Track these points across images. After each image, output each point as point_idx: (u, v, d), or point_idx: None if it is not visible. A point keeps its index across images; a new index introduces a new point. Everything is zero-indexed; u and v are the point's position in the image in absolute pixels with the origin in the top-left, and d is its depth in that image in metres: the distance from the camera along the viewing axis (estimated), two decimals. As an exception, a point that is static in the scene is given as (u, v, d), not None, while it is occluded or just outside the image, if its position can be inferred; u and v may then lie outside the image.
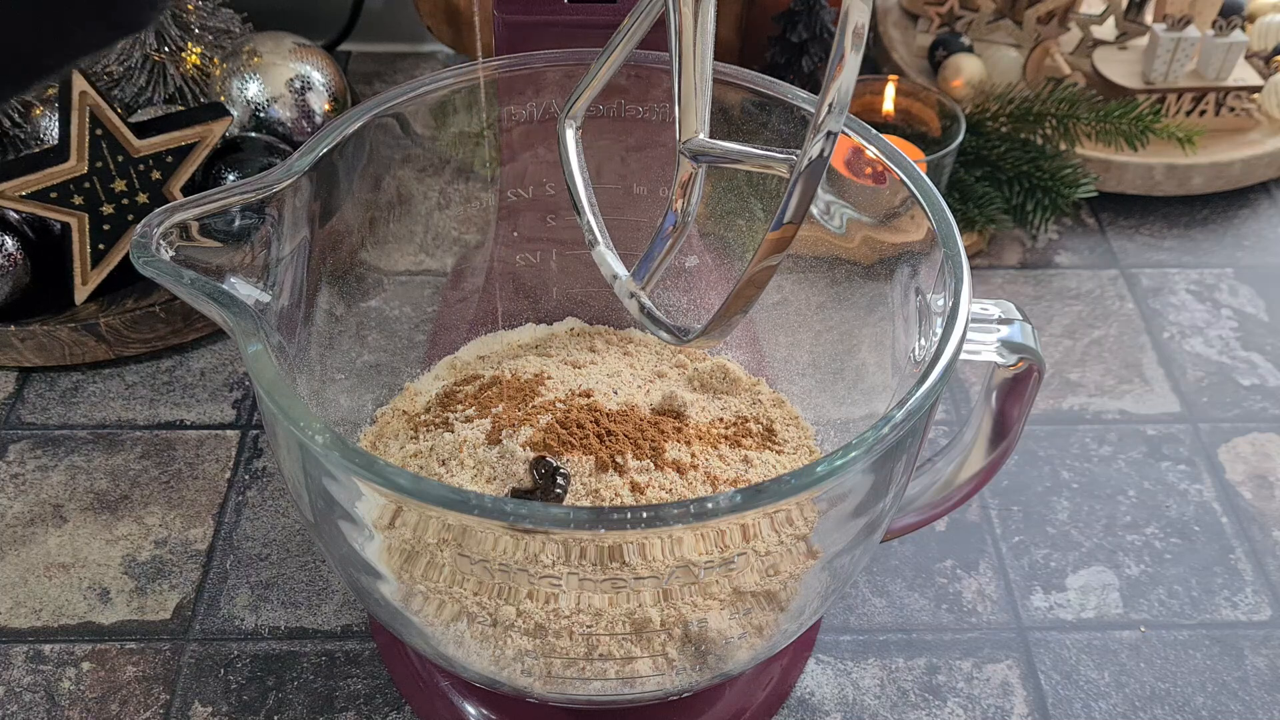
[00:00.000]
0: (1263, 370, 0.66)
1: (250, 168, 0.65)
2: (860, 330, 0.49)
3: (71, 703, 0.50)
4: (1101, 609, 0.54)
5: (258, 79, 0.70)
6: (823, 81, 0.30)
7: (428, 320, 0.54)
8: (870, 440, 0.34)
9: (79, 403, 0.62)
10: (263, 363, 0.35)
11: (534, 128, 0.50)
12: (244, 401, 0.63)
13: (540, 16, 0.51)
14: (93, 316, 0.62)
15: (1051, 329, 0.69)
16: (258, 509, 0.57)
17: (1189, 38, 0.75)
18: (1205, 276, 0.73)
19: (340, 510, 0.38)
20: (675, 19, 0.37)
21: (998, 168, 0.72)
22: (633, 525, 0.32)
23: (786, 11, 0.73)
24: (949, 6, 0.83)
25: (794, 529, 0.38)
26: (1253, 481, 0.60)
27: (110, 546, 0.56)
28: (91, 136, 0.60)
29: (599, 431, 0.46)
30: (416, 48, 0.91)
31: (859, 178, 0.45)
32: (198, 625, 0.53)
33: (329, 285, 0.47)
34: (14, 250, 0.61)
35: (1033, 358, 0.41)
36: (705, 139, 0.39)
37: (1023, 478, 0.60)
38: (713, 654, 0.40)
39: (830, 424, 0.51)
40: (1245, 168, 0.77)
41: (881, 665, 0.52)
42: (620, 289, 0.41)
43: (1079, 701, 0.51)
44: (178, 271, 0.38)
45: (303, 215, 0.43)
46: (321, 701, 0.50)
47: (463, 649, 0.41)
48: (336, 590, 0.54)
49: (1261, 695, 0.51)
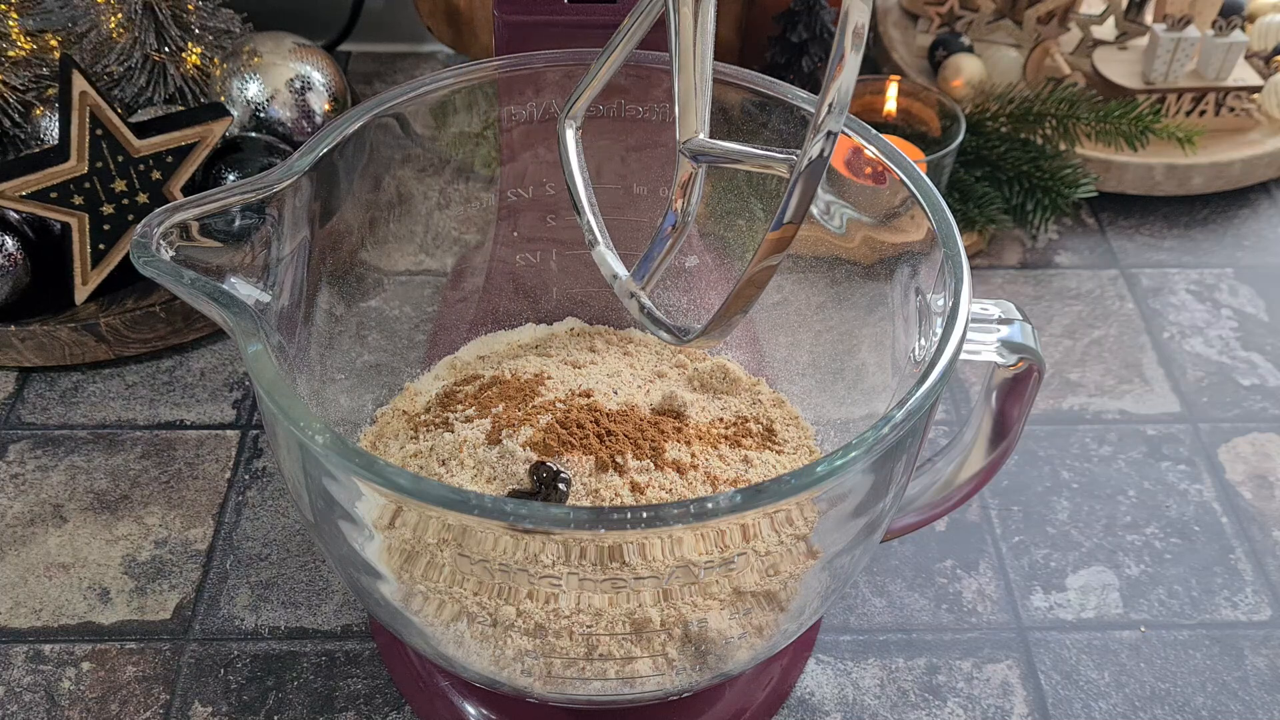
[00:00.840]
0: (1263, 370, 0.66)
1: (250, 168, 0.65)
2: (860, 330, 0.49)
3: (71, 703, 0.50)
4: (1101, 609, 0.54)
5: (258, 79, 0.70)
6: (823, 81, 0.30)
7: (428, 320, 0.54)
8: (870, 440, 0.34)
9: (79, 403, 0.62)
10: (263, 363, 0.35)
11: (534, 128, 0.50)
12: (244, 401, 0.63)
13: (540, 16, 0.51)
14: (93, 316, 0.62)
15: (1051, 329, 0.69)
16: (258, 509, 0.57)
17: (1189, 38, 0.75)
18: (1205, 276, 0.73)
19: (340, 510, 0.38)
20: (675, 19, 0.37)
21: (998, 168, 0.72)
22: (633, 525, 0.32)
23: (786, 11, 0.73)
24: (949, 6, 0.83)
25: (794, 529, 0.38)
26: (1253, 481, 0.60)
27: (110, 546, 0.56)
28: (92, 136, 0.60)
29: (599, 431, 0.46)
30: (416, 48, 0.91)
31: (859, 178, 0.45)
32: (198, 625, 0.53)
33: (329, 285, 0.47)
34: (14, 250, 0.61)
35: (1033, 358, 0.41)
36: (705, 139, 0.39)
37: (1023, 478, 0.60)
38: (713, 654, 0.40)
39: (830, 424, 0.51)
40: (1245, 168, 0.77)
41: (881, 665, 0.52)
42: (620, 289, 0.41)
43: (1079, 701, 0.51)
44: (178, 271, 0.38)
45: (303, 215, 0.43)
46: (321, 701, 0.50)
47: (463, 649, 0.41)
48: (336, 590, 0.54)
49: (1261, 695, 0.51)
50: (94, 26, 0.71)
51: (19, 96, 0.67)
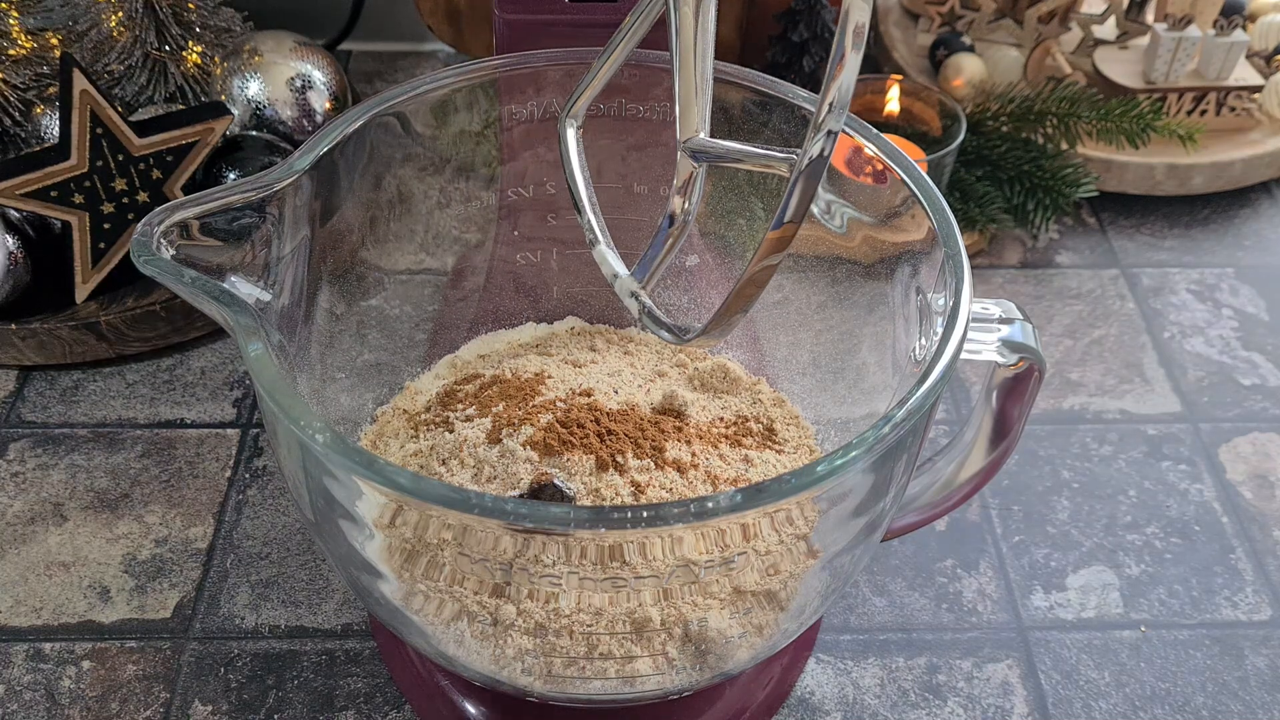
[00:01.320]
0: (1263, 370, 0.66)
1: (251, 166, 0.65)
2: (861, 330, 0.49)
3: (71, 701, 0.50)
4: (1102, 609, 0.54)
5: (258, 78, 0.70)
6: (823, 81, 0.30)
7: (428, 319, 0.54)
8: (870, 440, 0.34)
9: (79, 401, 0.62)
10: (263, 362, 0.35)
11: (534, 127, 0.50)
12: (244, 400, 0.63)
13: (540, 16, 0.51)
14: (93, 315, 0.62)
15: (1052, 329, 0.69)
16: (258, 508, 0.57)
17: (1190, 37, 0.75)
18: (1206, 276, 0.73)
19: (340, 509, 0.38)
20: (675, 18, 0.37)
21: (998, 167, 0.72)
22: (633, 525, 0.32)
23: (787, 11, 0.73)
24: (950, 6, 0.83)
25: (794, 528, 0.38)
26: (1253, 481, 0.60)
27: (110, 545, 0.56)
28: (92, 135, 0.60)
29: (599, 431, 0.46)
30: (417, 47, 0.91)
31: (860, 177, 0.45)
32: (198, 624, 0.53)
33: (329, 284, 0.47)
34: (14, 249, 0.61)
35: (1033, 357, 0.41)
36: (705, 138, 0.39)
37: (1023, 477, 0.60)
38: (713, 653, 0.40)
39: (830, 423, 0.51)
40: (1246, 167, 0.77)
41: (881, 665, 0.52)
42: (621, 288, 0.41)
43: (1079, 701, 0.51)
44: (178, 270, 0.38)
45: (303, 214, 0.43)
46: (321, 700, 0.50)
47: (463, 648, 0.41)
48: (336, 589, 0.54)
49: (1261, 695, 0.51)
50: (94, 25, 0.71)
51: (19, 95, 0.67)
